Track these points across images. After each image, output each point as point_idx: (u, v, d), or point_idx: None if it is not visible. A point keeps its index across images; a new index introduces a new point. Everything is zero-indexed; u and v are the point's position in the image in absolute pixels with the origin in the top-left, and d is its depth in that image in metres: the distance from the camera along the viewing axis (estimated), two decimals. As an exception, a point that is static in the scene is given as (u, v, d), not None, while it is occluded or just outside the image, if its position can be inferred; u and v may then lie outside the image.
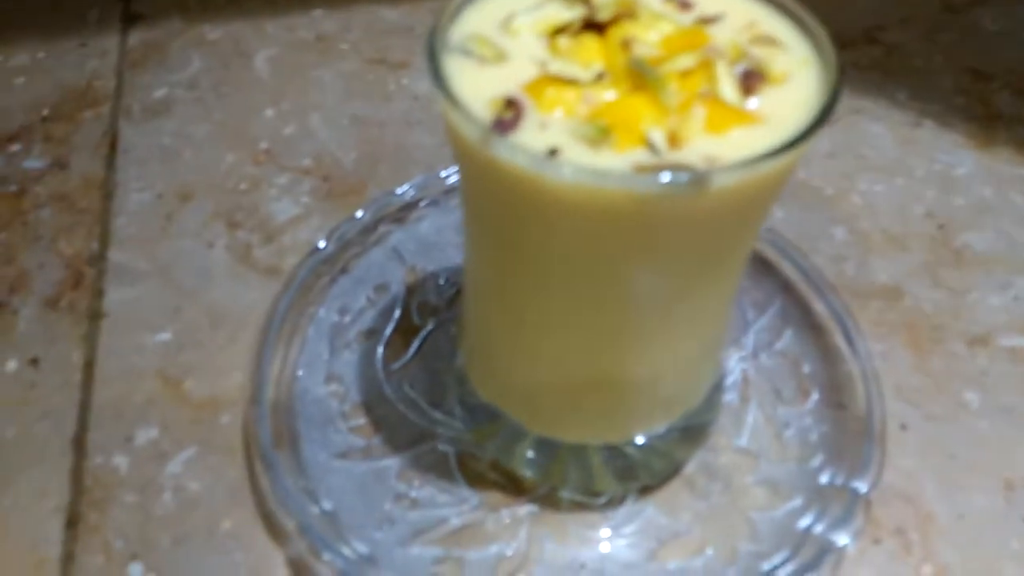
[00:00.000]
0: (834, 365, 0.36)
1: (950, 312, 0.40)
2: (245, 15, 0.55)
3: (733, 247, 0.25)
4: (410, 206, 0.42)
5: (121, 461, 0.33)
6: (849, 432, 0.34)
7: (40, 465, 0.33)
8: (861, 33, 0.55)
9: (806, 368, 0.36)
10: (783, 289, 0.39)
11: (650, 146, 0.21)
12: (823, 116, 0.21)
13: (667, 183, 0.20)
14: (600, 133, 0.21)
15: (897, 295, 0.40)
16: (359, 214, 0.40)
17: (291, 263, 0.40)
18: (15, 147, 0.46)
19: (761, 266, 0.40)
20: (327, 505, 0.31)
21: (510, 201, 0.22)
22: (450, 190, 0.42)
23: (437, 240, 0.41)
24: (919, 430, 0.35)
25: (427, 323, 0.38)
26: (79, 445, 0.33)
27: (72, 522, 0.31)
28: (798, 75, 0.23)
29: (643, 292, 0.24)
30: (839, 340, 0.37)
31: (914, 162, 0.47)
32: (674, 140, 0.21)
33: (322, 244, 0.39)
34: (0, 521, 0.31)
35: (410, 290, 0.39)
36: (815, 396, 0.35)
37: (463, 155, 0.23)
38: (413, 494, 0.32)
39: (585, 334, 0.26)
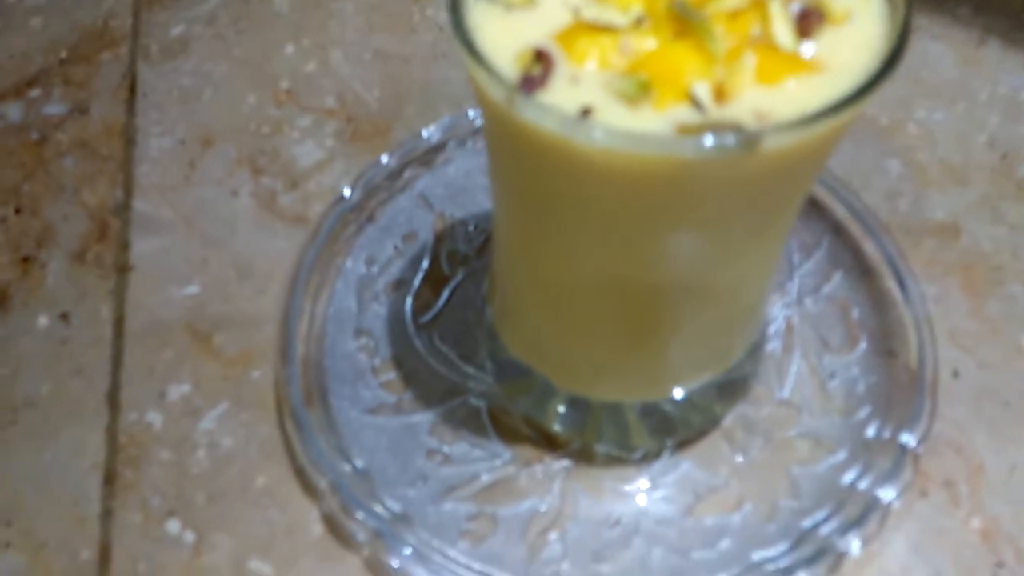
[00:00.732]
0: (885, 311, 0.35)
1: (1009, 251, 0.37)
2: (261, -58, 0.52)
3: (783, 208, 0.23)
4: (437, 149, 0.40)
5: (155, 418, 0.33)
6: (898, 382, 0.33)
7: (76, 422, 0.33)
8: (921, -59, 0.51)
9: (855, 313, 0.35)
10: (832, 230, 0.37)
11: (694, 102, 0.19)
12: (890, 63, 0.19)
13: (712, 147, 0.18)
14: (639, 89, 0.19)
15: (954, 233, 0.38)
16: (384, 159, 0.39)
17: (317, 210, 0.39)
18: (35, 92, 0.44)
19: (808, 205, 0.38)
20: (359, 463, 0.30)
21: (540, 163, 0.21)
22: (478, 131, 0.41)
23: (465, 184, 0.39)
24: (972, 378, 0.34)
25: (456, 273, 0.37)
26: (113, 402, 0.33)
27: (109, 479, 0.31)
28: (861, 13, 0.21)
29: (682, 256, 0.23)
30: (891, 284, 0.35)
31: (977, 85, 0.44)
32: (721, 94, 0.19)
33: (347, 192, 0.38)
34: (41, 478, 0.32)
35: (439, 238, 0.38)
36: (863, 344, 0.34)
37: (488, 113, 0.21)
38: (446, 449, 0.31)
39: (619, 297, 0.24)
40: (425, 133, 0.40)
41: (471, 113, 0.41)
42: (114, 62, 0.46)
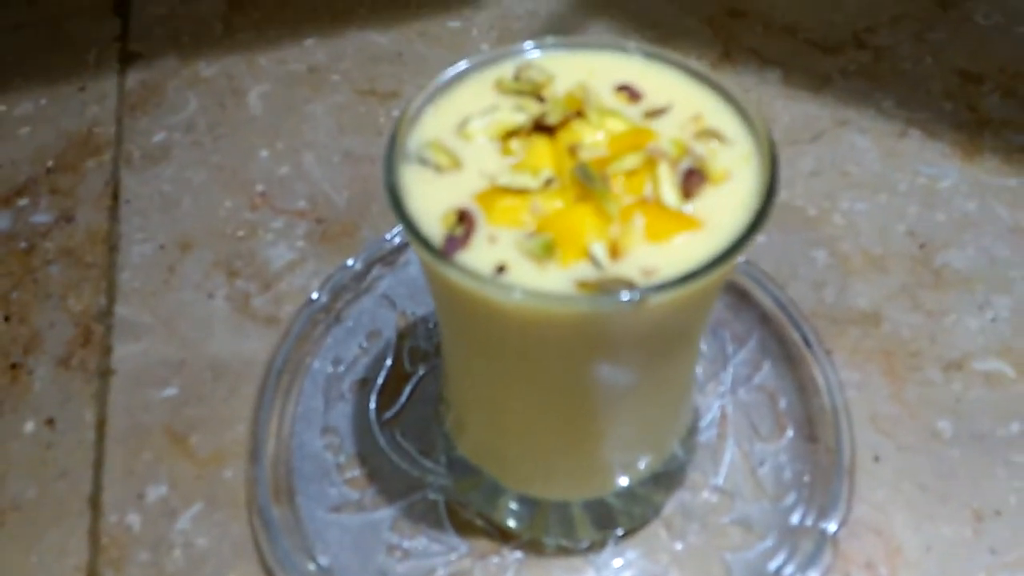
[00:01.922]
0: (809, 399, 0.38)
1: (927, 336, 0.40)
2: (238, 48, 0.56)
3: (680, 340, 0.26)
4: (399, 250, 0.43)
5: (134, 519, 0.35)
6: (821, 468, 0.35)
7: (60, 524, 0.35)
8: (851, 36, 0.55)
9: (783, 403, 0.38)
10: (761, 320, 0.40)
11: (592, 259, 0.22)
12: (757, 223, 0.22)
13: (605, 303, 0.21)
14: (545, 248, 0.22)
15: (875, 321, 0.41)
16: (350, 262, 0.42)
17: (288, 311, 0.42)
18: (23, 201, 0.48)
19: (740, 298, 0.41)
20: (323, 561, 0.33)
21: (466, 309, 0.24)
22: (438, 230, 0.44)
23: (425, 284, 0.42)
24: (892, 461, 0.36)
25: (418, 369, 0.39)
26: (95, 504, 0.36)
27: (91, 581, 0.34)
28: (739, 173, 0.24)
29: (600, 381, 0.26)
30: (815, 372, 0.38)
31: (897, 176, 0.47)
32: (615, 251, 0.22)
33: (315, 295, 0.41)
34: (26, 580, 0.34)
35: (401, 336, 0.41)
36: (790, 431, 0.37)
37: (422, 263, 0.24)
38: (405, 544, 0.34)
39: (550, 414, 0.27)
40: (388, 235, 0.43)
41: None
42: (98, 169, 0.49)
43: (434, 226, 0.23)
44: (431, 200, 0.24)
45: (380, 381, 0.39)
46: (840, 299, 0.42)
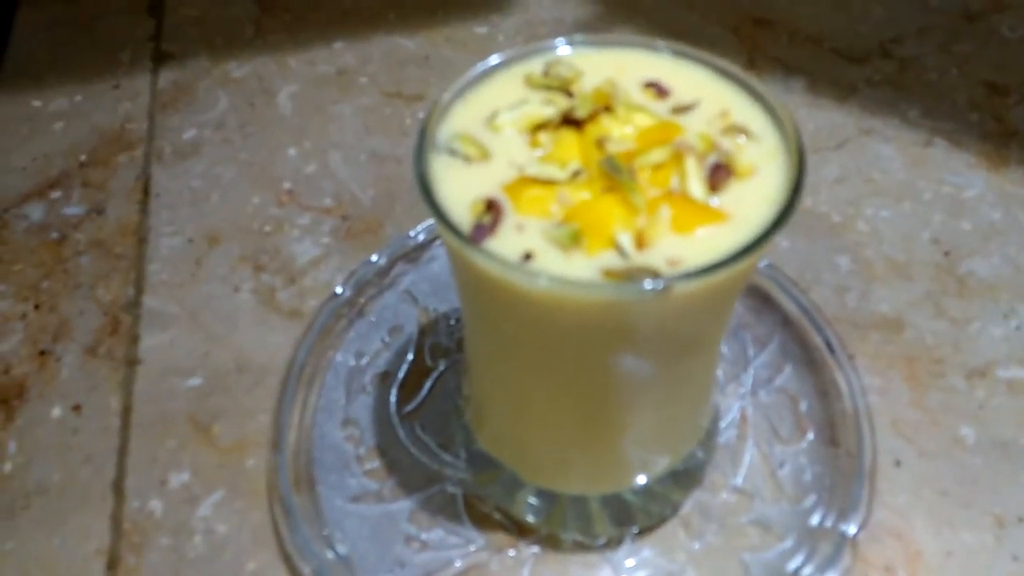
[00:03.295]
0: (830, 402, 0.37)
1: (950, 344, 0.40)
2: (269, 49, 0.57)
3: (704, 332, 0.26)
4: (422, 247, 0.44)
5: (156, 505, 0.36)
6: (842, 471, 0.35)
7: (83, 509, 0.36)
8: (876, 46, 0.55)
9: (803, 405, 0.38)
10: (783, 324, 0.40)
11: (618, 249, 0.22)
12: (783, 217, 0.22)
13: (631, 292, 0.21)
14: (572, 237, 0.22)
15: (898, 327, 0.41)
16: (374, 258, 0.42)
17: (312, 305, 0.42)
18: (56, 194, 0.48)
19: (762, 301, 0.41)
20: (342, 550, 0.33)
21: (492, 296, 0.24)
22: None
23: (448, 280, 0.43)
24: (913, 466, 0.36)
25: (438, 364, 0.40)
26: (118, 490, 0.36)
27: (112, 565, 0.34)
28: (765, 168, 0.24)
29: (621, 373, 0.26)
30: (836, 376, 0.38)
31: (922, 185, 0.47)
32: (641, 241, 0.22)
33: (339, 289, 0.41)
34: (49, 562, 0.34)
35: (423, 331, 0.41)
36: (811, 434, 0.37)
37: (448, 251, 0.25)
38: (423, 536, 0.34)
39: (571, 406, 0.27)
40: (412, 232, 0.44)
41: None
42: (129, 164, 0.50)
43: (463, 214, 0.24)
44: (460, 190, 0.24)
45: (401, 375, 0.39)
46: (863, 304, 0.42)
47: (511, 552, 0.34)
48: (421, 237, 0.44)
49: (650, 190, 0.24)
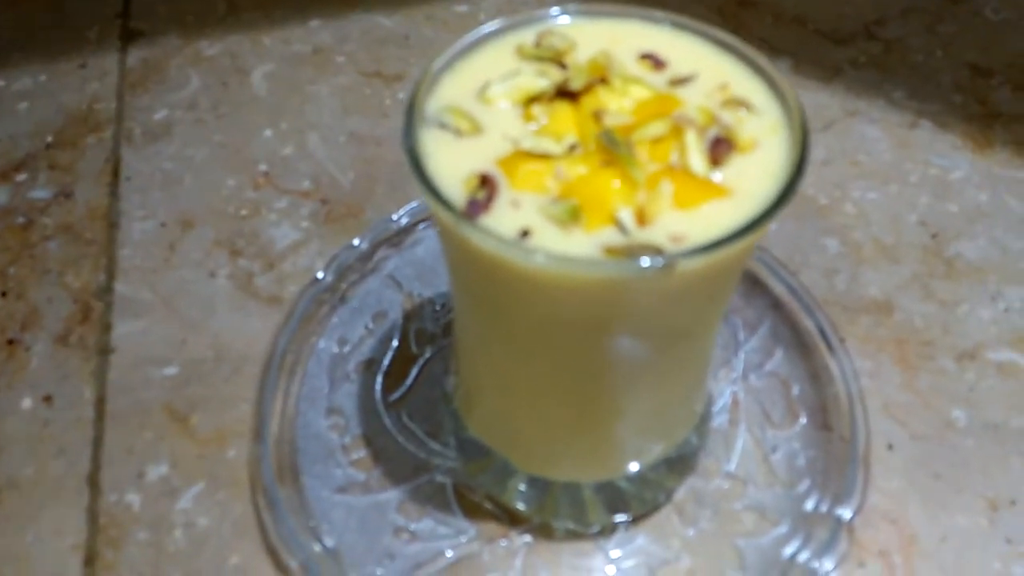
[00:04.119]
0: (822, 386, 0.37)
1: (940, 326, 0.40)
2: (243, 28, 0.55)
3: (705, 309, 0.25)
4: (406, 231, 0.42)
5: (134, 498, 0.34)
6: (835, 455, 0.35)
7: (58, 503, 0.34)
8: (861, 28, 0.55)
9: (795, 390, 0.37)
10: (773, 307, 0.40)
11: (619, 225, 0.21)
12: (787, 192, 0.21)
13: (634, 269, 0.20)
14: (570, 213, 0.21)
15: (887, 310, 0.41)
16: (356, 242, 0.41)
17: (292, 291, 0.41)
18: (21, 176, 0.47)
19: (752, 284, 0.40)
20: (329, 542, 0.32)
21: (486, 275, 0.23)
22: (445, 212, 0.43)
23: (433, 265, 0.42)
24: (905, 450, 0.36)
25: (424, 351, 0.39)
26: (94, 483, 0.35)
27: (89, 560, 0.33)
28: (766, 143, 0.23)
29: (619, 355, 0.25)
30: (827, 360, 0.37)
31: (909, 167, 0.47)
32: (642, 218, 0.22)
33: (320, 275, 0.40)
34: (23, 559, 0.33)
35: (408, 317, 0.40)
36: (803, 419, 0.36)
37: (440, 228, 0.24)
38: (412, 527, 0.33)
39: (566, 390, 0.27)
40: (395, 216, 0.43)
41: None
42: (98, 146, 0.48)
43: (455, 190, 0.23)
44: (451, 164, 0.23)
45: (386, 362, 0.38)
46: (852, 287, 0.41)
47: (503, 542, 0.33)
48: (404, 221, 0.43)
49: (649, 165, 0.23)
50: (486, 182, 0.22)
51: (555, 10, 0.27)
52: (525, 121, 0.24)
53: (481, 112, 0.24)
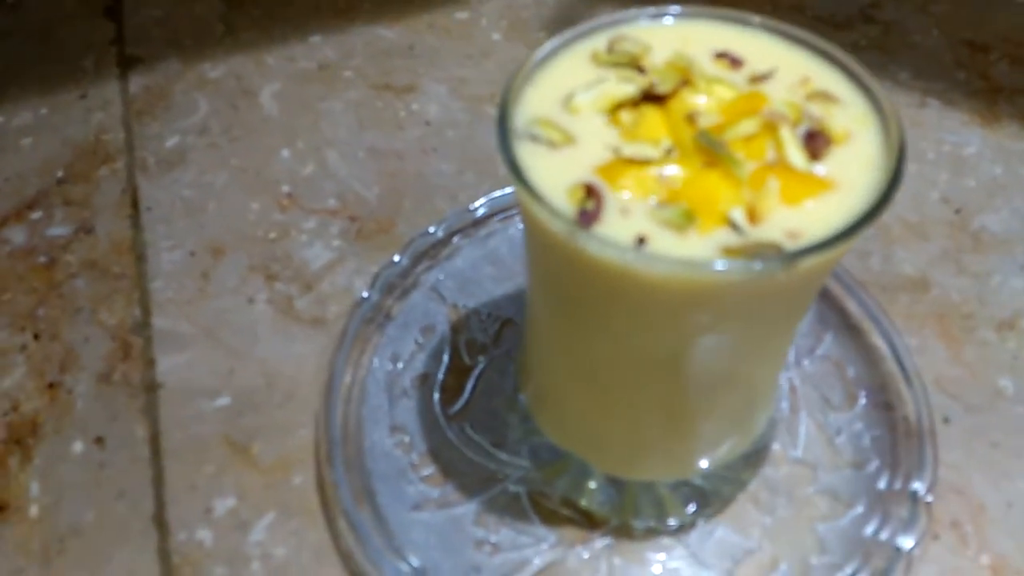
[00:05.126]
0: (876, 365, 0.38)
1: (976, 298, 0.41)
2: (243, 48, 0.54)
3: (803, 304, 0.26)
4: (442, 243, 0.42)
5: (205, 534, 0.34)
6: (899, 433, 0.35)
7: (125, 547, 0.33)
8: (857, 12, 0.56)
9: (850, 371, 0.38)
10: (818, 293, 0.40)
11: (732, 225, 0.22)
12: (896, 178, 0.22)
13: (757, 268, 0.20)
14: (684, 217, 0.22)
15: (924, 286, 0.42)
16: (396, 258, 0.41)
17: (333, 311, 0.41)
18: (36, 214, 0.45)
19: (793, 271, 0.41)
20: (415, 561, 0.32)
21: (594, 285, 0.23)
22: (479, 222, 0.43)
23: (473, 275, 0.41)
24: (961, 422, 0.37)
25: (478, 361, 0.38)
26: (160, 522, 0.34)
27: (170, 602, 0.32)
28: (859, 133, 0.24)
29: (717, 353, 0.25)
30: (877, 339, 0.38)
31: (924, 145, 0.48)
32: (754, 216, 0.22)
33: (366, 293, 0.40)
34: (97, 607, 0.32)
35: (455, 329, 0.40)
36: (862, 400, 0.37)
37: (541, 240, 0.24)
38: (493, 538, 0.33)
39: (657, 387, 0.27)
40: (431, 229, 0.42)
41: (471, 205, 0.43)
42: (112, 177, 0.47)
43: (560, 202, 0.23)
44: (550, 177, 0.23)
45: (440, 376, 0.38)
46: (887, 267, 0.42)
47: (584, 545, 0.33)
48: (440, 233, 0.42)
49: (747, 163, 0.23)
50: (592, 192, 0.22)
51: (624, 14, 0.27)
52: (614, 127, 0.24)
53: (570, 122, 0.24)
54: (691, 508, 0.33)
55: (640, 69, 0.25)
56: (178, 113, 0.50)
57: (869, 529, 0.32)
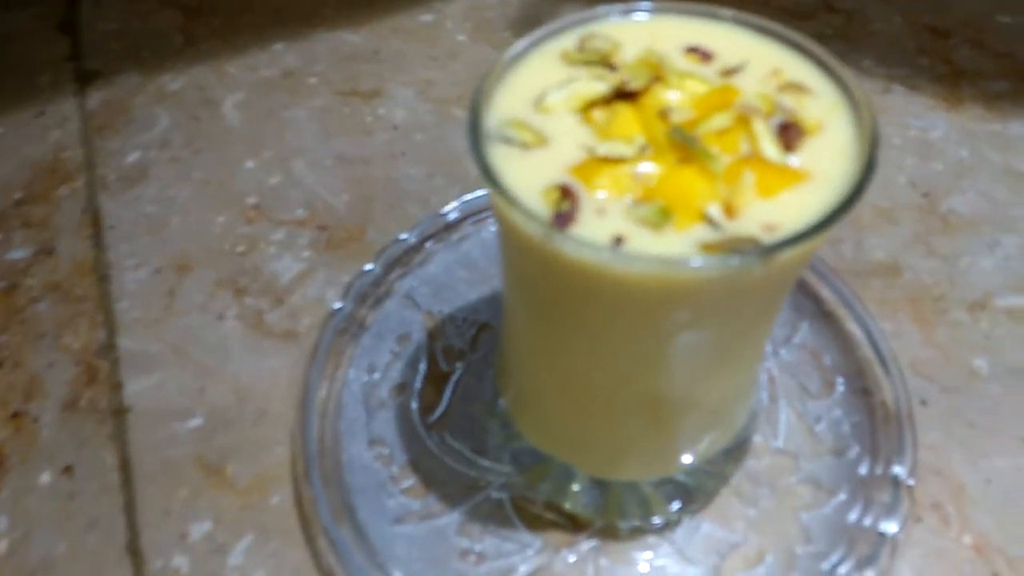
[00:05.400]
0: (852, 351, 0.38)
1: (947, 281, 0.41)
2: (204, 58, 0.53)
3: (781, 297, 0.25)
4: (415, 249, 0.42)
5: (181, 561, 0.33)
6: (877, 418, 0.36)
7: (101, 576, 0.32)
8: (820, 1, 0.56)
9: (827, 359, 0.38)
10: (791, 282, 0.40)
11: (709, 220, 0.21)
12: (870, 168, 0.22)
13: (736, 263, 0.20)
14: (660, 214, 0.21)
15: (896, 271, 0.42)
16: (368, 267, 0.40)
17: (306, 324, 0.40)
18: (-7, 238, 0.44)
19: (767, 262, 0.41)
20: (398, 575, 0.31)
21: (571, 287, 0.23)
22: (451, 226, 0.43)
23: (447, 280, 0.41)
24: (938, 404, 0.37)
25: (454, 368, 0.38)
26: (135, 551, 0.33)
27: (149, 632, 0.31)
28: (831, 122, 0.24)
29: (696, 350, 0.25)
30: (852, 326, 0.38)
31: (890, 131, 0.48)
32: (730, 210, 0.22)
33: (338, 304, 0.39)
34: (74, 641, 0.31)
35: (431, 336, 0.39)
36: (840, 387, 0.37)
37: (515, 243, 0.23)
38: (477, 548, 0.32)
39: (638, 389, 0.26)
40: (402, 236, 0.42)
41: (442, 210, 0.43)
42: (72, 197, 0.46)
43: (535, 204, 0.22)
44: (523, 178, 0.23)
45: (418, 385, 0.37)
46: (858, 253, 0.42)
47: (570, 549, 0.33)
48: (412, 239, 0.42)
49: (722, 157, 0.23)
50: (567, 192, 0.22)
51: (593, 12, 0.26)
52: (587, 126, 0.24)
53: (542, 122, 0.24)
54: (675, 505, 0.33)
55: (611, 67, 0.25)
56: (138, 127, 0.49)
57: (852, 516, 0.32)
